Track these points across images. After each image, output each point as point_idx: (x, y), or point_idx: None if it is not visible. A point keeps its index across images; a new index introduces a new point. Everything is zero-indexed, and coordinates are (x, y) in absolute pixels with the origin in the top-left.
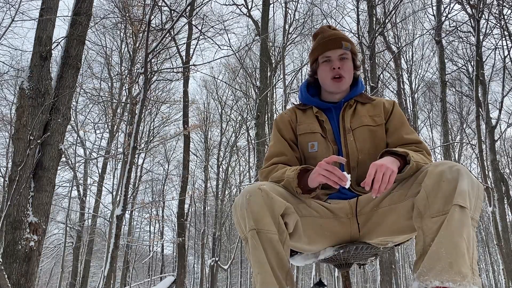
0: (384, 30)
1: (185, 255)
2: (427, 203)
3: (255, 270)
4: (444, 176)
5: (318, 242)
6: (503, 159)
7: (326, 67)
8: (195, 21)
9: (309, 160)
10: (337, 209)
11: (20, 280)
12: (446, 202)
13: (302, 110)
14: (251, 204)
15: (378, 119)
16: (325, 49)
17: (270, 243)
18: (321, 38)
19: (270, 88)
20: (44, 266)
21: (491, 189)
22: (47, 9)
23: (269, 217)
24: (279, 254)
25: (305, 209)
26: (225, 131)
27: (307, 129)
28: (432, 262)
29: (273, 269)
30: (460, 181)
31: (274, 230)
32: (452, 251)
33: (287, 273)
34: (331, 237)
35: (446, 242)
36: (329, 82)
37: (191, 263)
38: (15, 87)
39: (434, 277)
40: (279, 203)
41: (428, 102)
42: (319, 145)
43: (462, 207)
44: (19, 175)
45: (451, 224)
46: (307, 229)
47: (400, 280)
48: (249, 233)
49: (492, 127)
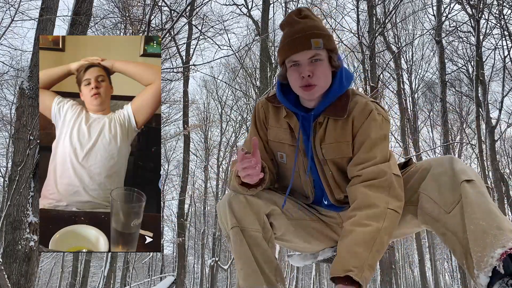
0: (384, 30)
1: (185, 255)
2: (435, 205)
3: (238, 265)
4: (437, 172)
5: (313, 242)
6: (503, 159)
7: (294, 72)
8: (195, 21)
9: (280, 168)
10: (326, 218)
11: (20, 280)
12: (453, 191)
13: (276, 108)
14: (233, 203)
15: (347, 137)
16: (292, 51)
17: (255, 240)
18: (287, 35)
19: (270, 88)
20: (44, 266)
21: (491, 189)
22: (47, 9)
23: (252, 216)
24: (265, 251)
25: (296, 213)
26: (225, 131)
27: (275, 138)
28: (481, 240)
29: (260, 266)
30: (454, 166)
31: (258, 228)
32: (489, 217)
33: (275, 269)
34: (324, 239)
35: (479, 215)
36: (299, 91)
37: (191, 263)
38: (15, 87)
39: (492, 248)
40: (264, 202)
41: (428, 102)
42: (287, 158)
43: (469, 181)
44: (19, 175)
45: (471, 198)
46: (300, 231)
47: (400, 280)
48: (231, 230)
49: (492, 127)
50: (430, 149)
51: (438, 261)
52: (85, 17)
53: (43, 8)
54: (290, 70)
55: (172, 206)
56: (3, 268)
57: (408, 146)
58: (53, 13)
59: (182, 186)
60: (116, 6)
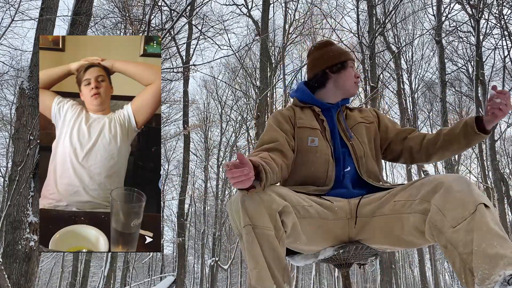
0: (384, 30)
1: (185, 255)
2: (443, 216)
3: (251, 265)
4: (453, 189)
5: (317, 243)
6: (503, 159)
7: (353, 71)
8: (195, 21)
9: (307, 153)
10: (337, 208)
11: (20, 280)
12: (464, 208)
13: (300, 108)
14: (247, 200)
15: (369, 118)
16: (352, 57)
17: (267, 239)
18: (335, 47)
19: (270, 88)
20: (44, 266)
21: (491, 189)
22: (47, 9)
23: (265, 214)
24: (275, 250)
25: (304, 210)
26: (225, 131)
27: (307, 124)
28: (492, 259)
29: (269, 265)
30: (472, 188)
31: (271, 226)
32: (504, 242)
33: (284, 269)
34: (329, 238)
35: (494, 236)
36: (352, 86)
37: (191, 263)
38: (15, 87)
39: (503, 269)
40: (277, 200)
41: (428, 102)
42: (320, 141)
43: (487, 206)
44: (19, 175)
45: (487, 219)
46: (306, 230)
47: (400, 280)
48: (244, 229)
49: (492, 127)
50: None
51: (438, 261)
52: (85, 17)
53: (43, 8)
54: (350, 69)
55: (172, 206)
56: (3, 268)
57: None
58: (53, 13)
59: (182, 186)
60: (116, 6)
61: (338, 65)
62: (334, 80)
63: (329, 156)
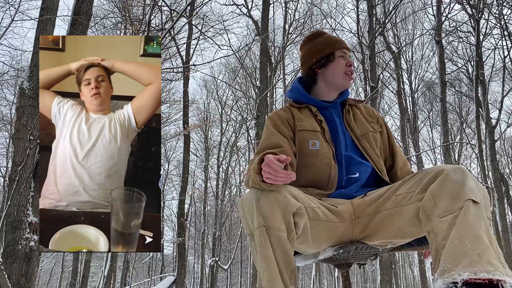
0: (384, 30)
1: (185, 255)
2: (434, 204)
3: (262, 267)
4: (450, 178)
5: (321, 244)
6: (503, 159)
7: (343, 61)
8: (195, 21)
9: (309, 157)
10: (341, 211)
11: (20, 280)
12: (454, 201)
13: (298, 108)
14: (261, 200)
15: (375, 126)
16: (342, 45)
17: (279, 241)
18: (326, 37)
19: (270, 88)
20: (44, 266)
21: (491, 189)
22: (47, 9)
23: (279, 215)
24: (286, 253)
25: (313, 212)
26: (225, 131)
27: (307, 126)
28: (457, 257)
29: (279, 268)
30: (467, 181)
31: (283, 228)
32: (477, 243)
33: (292, 272)
34: (332, 239)
35: (469, 235)
36: (342, 78)
37: (191, 263)
38: (15, 87)
39: (463, 269)
40: (292, 202)
41: (428, 102)
42: (321, 144)
43: (475, 202)
44: (19, 175)
45: (468, 217)
46: (313, 232)
47: (400, 280)
48: (257, 230)
49: (492, 127)
50: (430, 149)
51: None
52: (85, 17)
53: (43, 8)
54: (339, 59)
55: (172, 206)
56: (3, 268)
57: (408, 146)
58: (53, 13)
59: (182, 186)
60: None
61: (323, 60)
62: (322, 75)
63: (331, 159)
